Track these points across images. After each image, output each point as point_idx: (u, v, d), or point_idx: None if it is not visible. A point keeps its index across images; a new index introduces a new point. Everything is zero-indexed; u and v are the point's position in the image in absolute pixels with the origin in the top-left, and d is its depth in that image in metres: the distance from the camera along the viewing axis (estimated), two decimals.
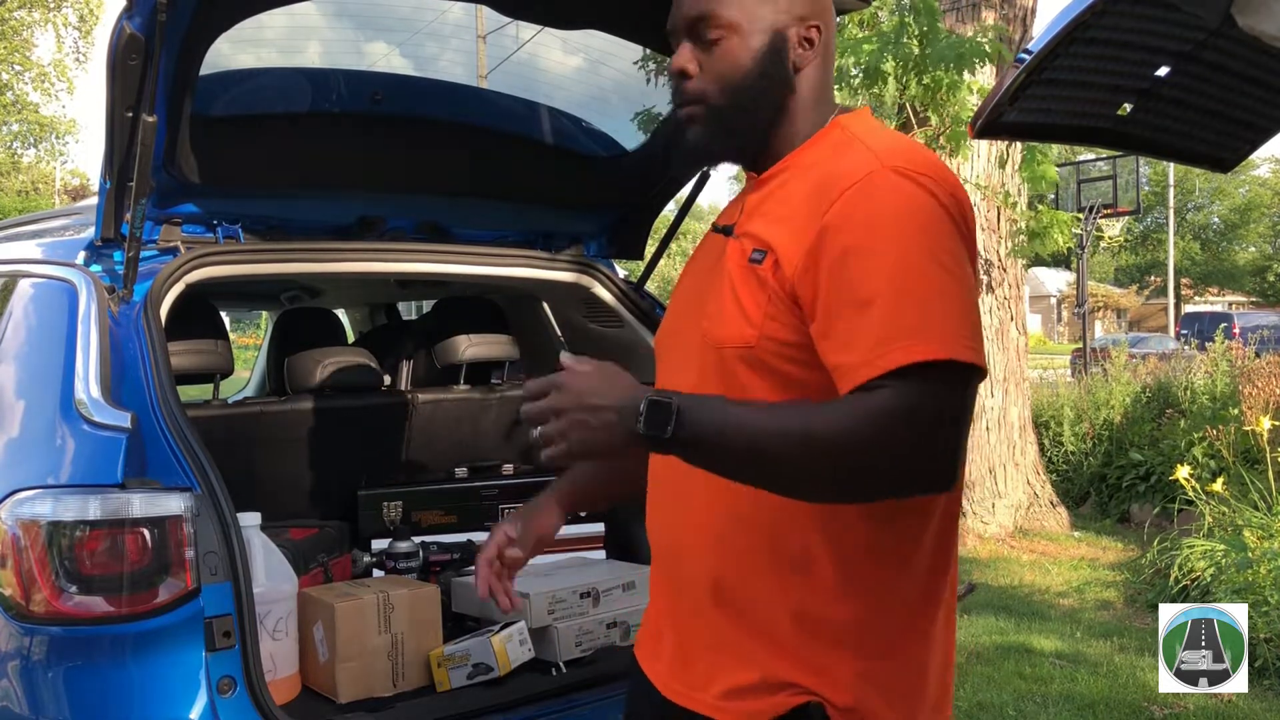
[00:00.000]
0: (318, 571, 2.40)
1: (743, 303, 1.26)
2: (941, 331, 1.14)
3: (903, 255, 1.16)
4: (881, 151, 1.24)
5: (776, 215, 1.28)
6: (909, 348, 1.12)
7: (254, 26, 2.04)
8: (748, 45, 1.31)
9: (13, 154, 33.70)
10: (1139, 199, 18.29)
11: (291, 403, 2.77)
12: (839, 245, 1.18)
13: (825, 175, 1.25)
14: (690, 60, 1.33)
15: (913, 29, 5.64)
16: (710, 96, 1.32)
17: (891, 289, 1.15)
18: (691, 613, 1.33)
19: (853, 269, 1.17)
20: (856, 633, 1.25)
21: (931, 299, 1.15)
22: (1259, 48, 1.59)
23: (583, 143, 2.64)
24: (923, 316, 1.14)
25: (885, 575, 1.26)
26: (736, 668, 1.27)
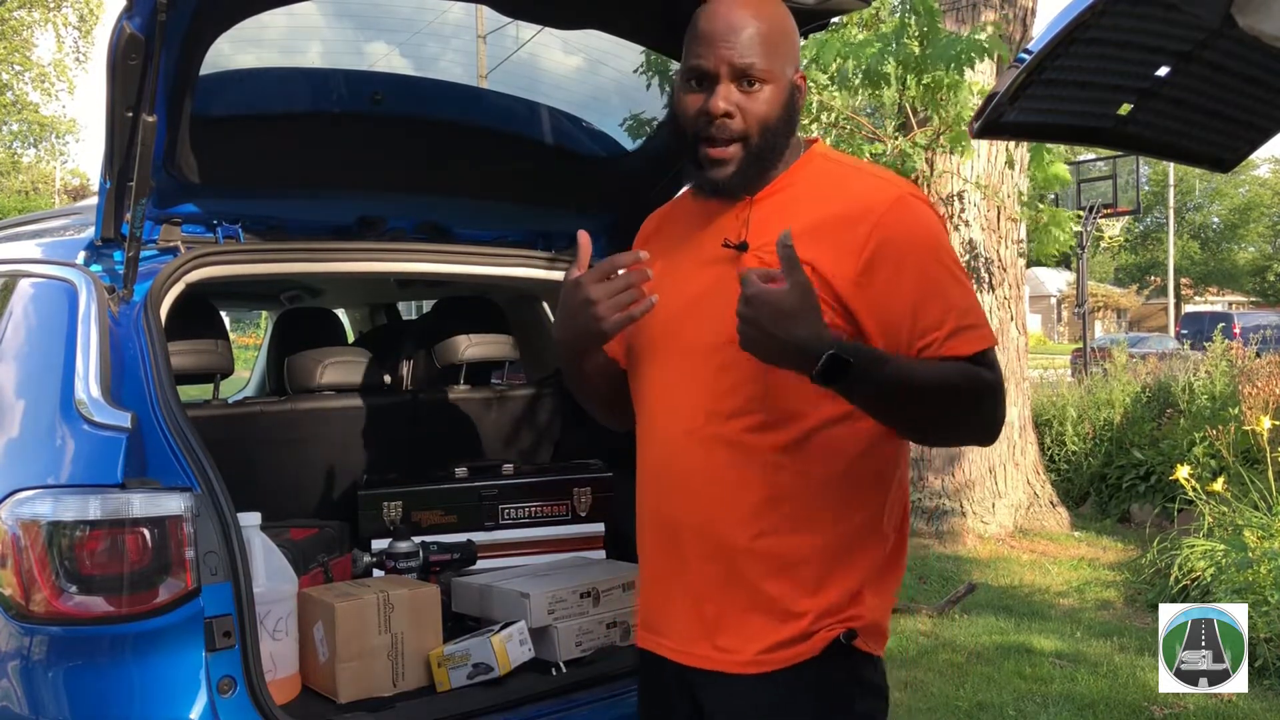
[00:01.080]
0: (318, 571, 2.40)
1: None
2: (985, 323, 1.51)
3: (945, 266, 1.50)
4: (887, 179, 1.56)
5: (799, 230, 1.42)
6: (982, 336, 1.48)
7: (254, 26, 2.04)
8: (779, 93, 1.52)
9: (13, 154, 33.72)
10: (1139, 199, 18.31)
11: (291, 403, 2.77)
12: (893, 262, 1.46)
13: (846, 198, 1.51)
14: (731, 103, 1.49)
15: (912, 29, 5.64)
16: (751, 137, 1.50)
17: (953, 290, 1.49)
18: (723, 583, 1.50)
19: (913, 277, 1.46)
20: (878, 567, 1.53)
21: (973, 299, 1.53)
22: (1259, 48, 1.59)
23: (583, 143, 2.64)
24: (977, 313, 1.50)
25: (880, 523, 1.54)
26: (776, 626, 1.48)
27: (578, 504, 2.80)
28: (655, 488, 1.59)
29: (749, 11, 1.51)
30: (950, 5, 7.08)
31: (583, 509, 2.81)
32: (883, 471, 1.54)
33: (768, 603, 1.49)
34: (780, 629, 1.48)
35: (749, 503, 1.49)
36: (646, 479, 1.61)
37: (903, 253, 1.46)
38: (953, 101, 5.80)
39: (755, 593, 1.49)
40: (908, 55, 5.62)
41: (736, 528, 1.49)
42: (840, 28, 5.88)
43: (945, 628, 4.98)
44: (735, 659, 1.50)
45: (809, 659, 1.48)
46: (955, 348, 1.45)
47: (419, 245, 2.54)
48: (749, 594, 1.50)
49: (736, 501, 1.49)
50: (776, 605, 1.49)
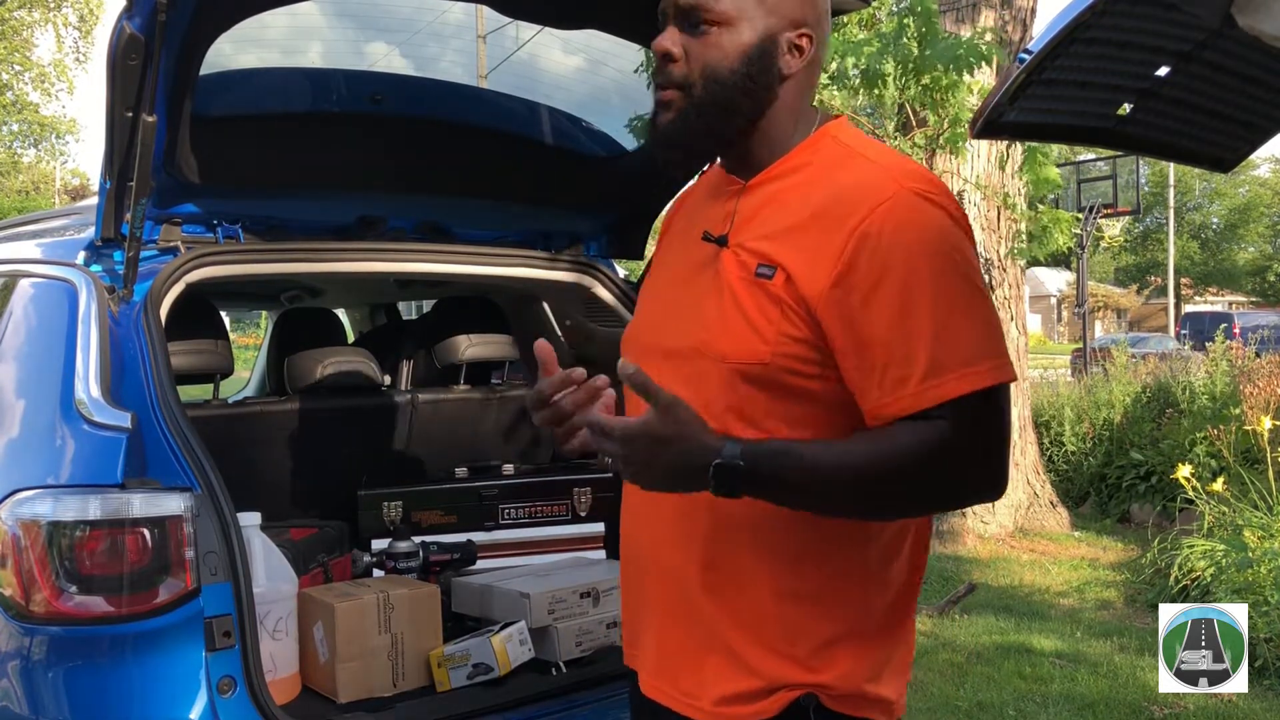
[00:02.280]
0: (318, 571, 2.40)
1: (751, 318, 1.25)
2: (988, 357, 1.19)
3: (942, 283, 1.19)
4: (894, 170, 1.25)
5: (779, 228, 1.27)
6: (963, 377, 1.17)
7: (254, 26, 2.03)
8: (737, 41, 1.28)
9: (13, 154, 33.71)
10: (1139, 199, 18.31)
11: (291, 403, 2.77)
12: (874, 272, 1.19)
13: (836, 191, 1.24)
14: (676, 44, 1.30)
15: (911, 30, 5.64)
16: (694, 85, 1.29)
17: (937, 318, 1.18)
18: (679, 619, 1.33)
19: (893, 297, 1.19)
20: (848, 623, 1.28)
21: (974, 325, 1.20)
22: (1259, 48, 1.59)
23: (583, 143, 2.64)
24: (971, 344, 1.19)
25: (874, 566, 1.30)
26: (733, 674, 1.28)
27: (578, 504, 2.80)
28: (625, 508, 1.43)
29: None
30: (950, 5, 7.09)
31: (583, 509, 2.81)
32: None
33: (723, 648, 1.29)
34: (737, 679, 1.28)
35: (701, 532, 1.29)
36: (622, 496, 1.45)
37: (887, 262, 1.19)
38: (950, 102, 5.80)
39: (710, 635, 1.30)
40: (906, 55, 5.62)
41: (688, 560, 1.31)
42: (841, 27, 5.87)
43: (945, 628, 4.98)
44: (695, 705, 1.31)
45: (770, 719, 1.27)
46: (933, 393, 1.17)
47: (419, 245, 2.55)
48: (704, 635, 1.30)
49: (689, 530, 1.30)
50: (732, 652, 1.28)
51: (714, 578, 1.29)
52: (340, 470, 2.80)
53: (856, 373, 1.22)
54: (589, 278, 2.79)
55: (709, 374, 1.27)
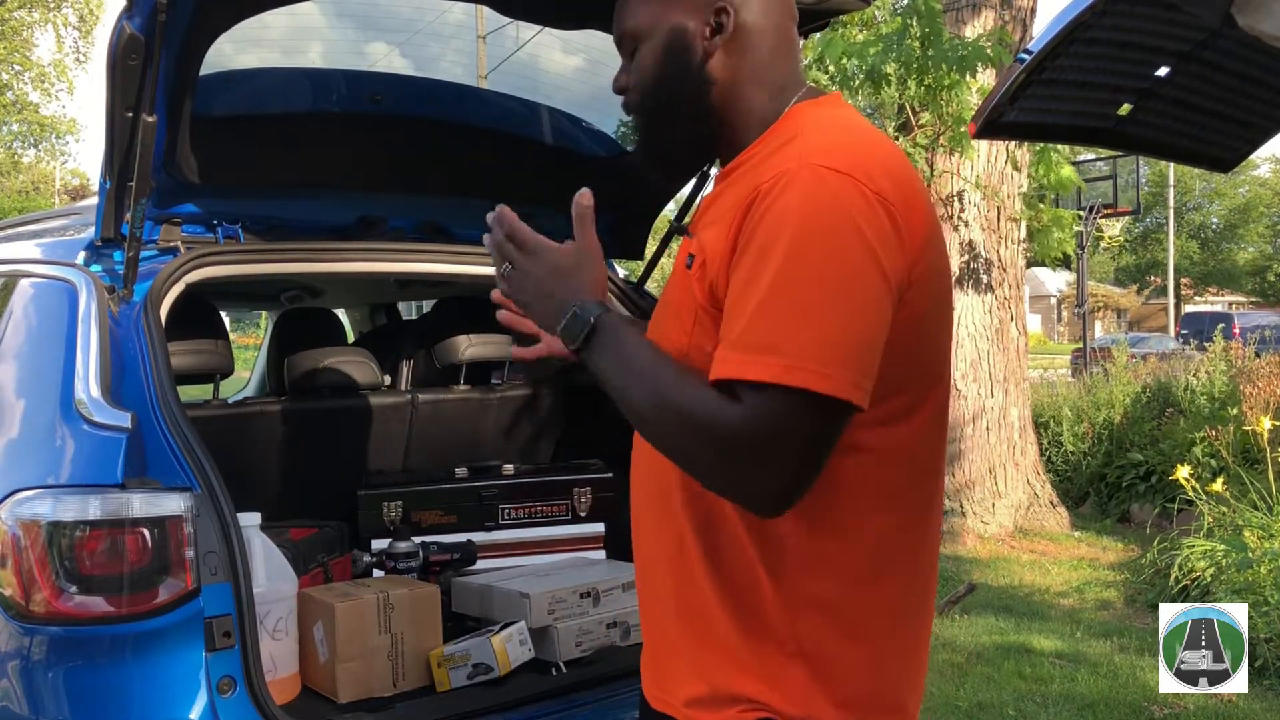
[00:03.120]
0: (318, 571, 2.40)
1: (677, 309, 1.25)
2: (796, 355, 1.07)
3: (795, 264, 1.09)
4: (809, 149, 1.17)
5: (713, 216, 1.25)
6: (756, 364, 1.08)
7: (254, 26, 2.04)
8: (652, 49, 1.31)
9: (13, 154, 33.71)
10: (1139, 199, 18.30)
11: (291, 403, 2.77)
12: (742, 245, 1.15)
13: (764, 170, 1.19)
14: (623, 75, 1.37)
15: (914, 30, 5.64)
16: (635, 106, 1.35)
17: (764, 297, 1.09)
18: (658, 621, 1.34)
19: (743, 269, 1.13)
20: (810, 647, 1.20)
21: (801, 316, 1.08)
22: (1259, 48, 1.59)
23: (583, 143, 2.64)
24: (783, 333, 1.08)
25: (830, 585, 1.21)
26: (692, 678, 1.26)
27: (578, 504, 2.80)
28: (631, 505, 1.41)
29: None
30: (950, 5, 7.09)
31: (583, 509, 2.81)
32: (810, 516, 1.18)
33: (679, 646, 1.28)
34: (691, 682, 1.26)
35: (673, 535, 1.27)
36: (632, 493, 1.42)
37: (754, 237, 1.13)
38: (951, 101, 5.81)
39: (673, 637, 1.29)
40: (909, 56, 5.63)
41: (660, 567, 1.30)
42: (842, 26, 5.88)
43: (945, 628, 4.98)
44: (669, 703, 1.29)
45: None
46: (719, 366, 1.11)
47: (419, 245, 2.54)
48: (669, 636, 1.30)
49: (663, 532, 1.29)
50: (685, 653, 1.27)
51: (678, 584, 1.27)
52: (340, 470, 2.80)
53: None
54: None
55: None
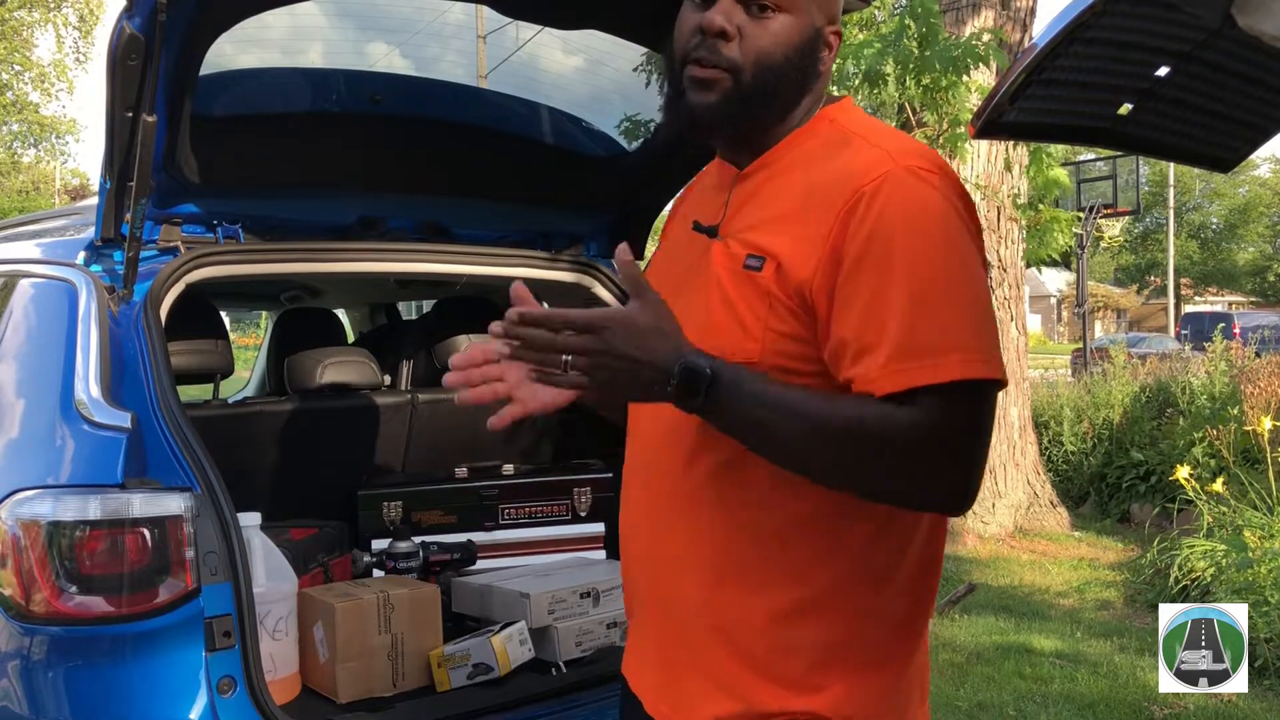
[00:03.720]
0: (318, 571, 2.40)
1: (740, 313, 1.20)
2: (960, 349, 1.11)
3: (925, 267, 1.13)
4: (892, 150, 1.19)
5: (770, 216, 1.22)
6: (934, 367, 1.10)
7: (254, 26, 2.03)
8: (794, 30, 1.24)
9: (13, 154, 33.71)
10: (1139, 199, 18.31)
11: (291, 403, 2.77)
12: (857, 248, 1.14)
13: (830, 174, 1.20)
14: (732, 22, 1.22)
15: (912, 30, 5.64)
16: (744, 70, 1.23)
17: (913, 302, 1.11)
18: (677, 634, 1.28)
19: (871, 274, 1.13)
20: (846, 649, 1.22)
21: (951, 312, 1.13)
22: (1259, 48, 1.59)
23: (583, 143, 2.64)
24: (950, 333, 1.12)
25: (875, 590, 1.23)
26: (722, 696, 1.23)
27: (578, 504, 2.80)
28: (627, 516, 1.38)
29: None
30: (950, 5, 7.09)
31: (583, 509, 2.81)
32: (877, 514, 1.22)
33: (715, 669, 1.24)
34: (719, 701, 1.23)
35: (701, 547, 1.24)
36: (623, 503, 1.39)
37: (871, 238, 1.13)
38: (949, 102, 5.81)
39: (700, 654, 1.25)
40: (907, 56, 5.63)
41: (687, 576, 1.26)
42: (842, 26, 5.88)
43: (945, 628, 4.98)
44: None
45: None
46: (887, 381, 1.11)
47: (419, 245, 2.54)
48: (695, 654, 1.26)
49: (689, 544, 1.25)
50: (715, 671, 1.24)
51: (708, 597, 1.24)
52: (340, 470, 2.80)
53: (834, 356, 1.16)
54: (589, 278, 2.79)
55: None
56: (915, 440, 1.10)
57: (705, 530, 1.25)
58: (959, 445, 1.13)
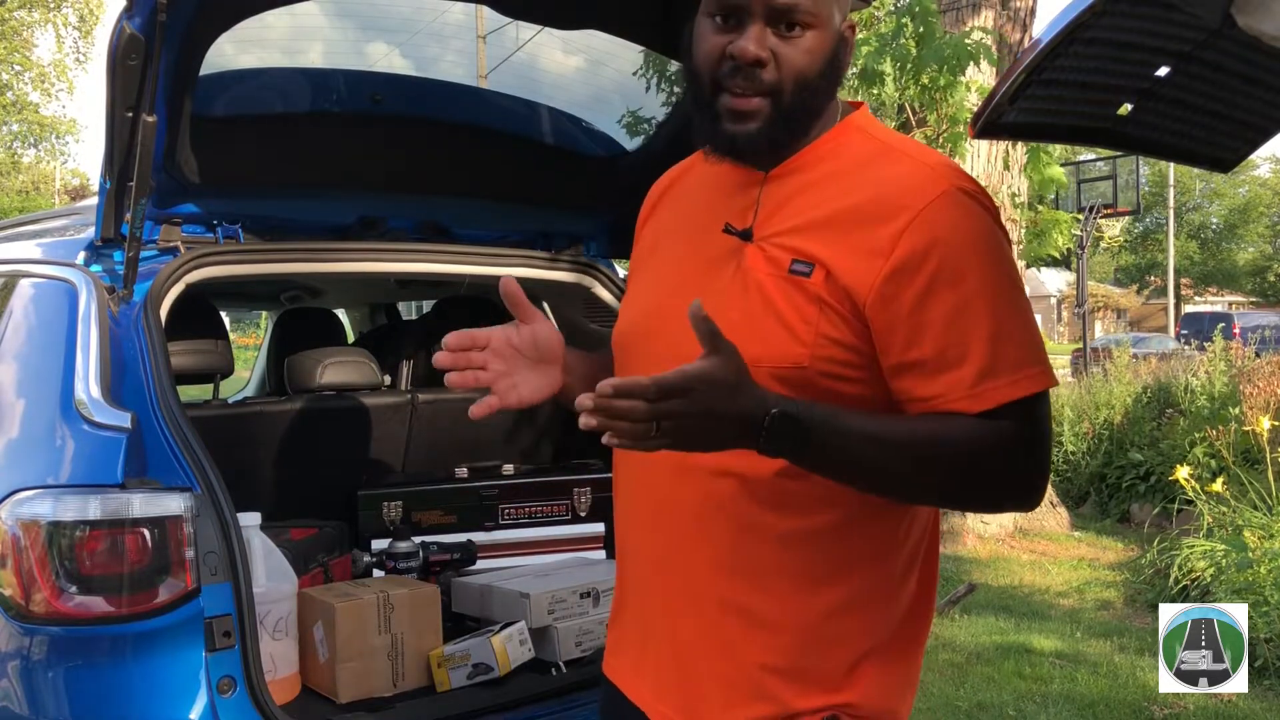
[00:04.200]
0: (318, 571, 2.40)
1: (786, 319, 1.19)
2: (1037, 362, 1.19)
3: (993, 286, 1.18)
4: (938, 167, 1.23)
5: (812, 221, 1.22)
6: (1015, 382, 1.17)
7: (255, 26, 2.04)
8: (824, 43, 1.23)
9: (13, 154, 33.71)
10: (1139, 199, 18.30)
11: (291, 403, 2.77)
12: (929, 271, 1.16)
13: (879, 185, 1.21)
14: (765, 47, 1.20)
15: (909, 29, 5.64)
16: (784, 92, 1.21)
17: (992, 320, 1.17)
18: (697, 637, 1.27)
19: (949, 296, 1.16)
20: (870, 643, 1.25)
21: (1024, 328, 1.20)
22: (1259, 48, 1.59)
23: (583, 143, 2.64)
24: (1021, 348, 1.18)
25: (893, 584, 1.27)
26: (752, 699, 1.23)
27: (578, 504, 2.80)
28: (629, 515, 1.37)
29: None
30: (950, 4, 7.09)
31: (583, 509, 2.81)
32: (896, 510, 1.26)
33: (740, 671, 1.24)
34: (749, 706, 1.23)
35: (720, 546, 1.24)
36: (620, 502, 1.39)
37: (942, 261, 1.16)
38: (947, 101, 5.81)
39: (727, 656, 1.25)
40: (904, 55, 5.63)
41: (708, 575, 1.25)
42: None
43: (945, 628, 4.98)
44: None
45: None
46: (989, 395, 1.16)
47: (419, 245, 2.54)
48: (720, 656, 1.25)
49: (707, 544, 1.24)
50: (749, 676, 1.23)
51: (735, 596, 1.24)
52: (340, 470, 2.80)
53: (905, 374, 1.18)
54: (589, 278, 2.79)
55: None
56: (1009, 452, 1.18)
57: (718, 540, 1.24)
58: (1038, 449, 1.21)
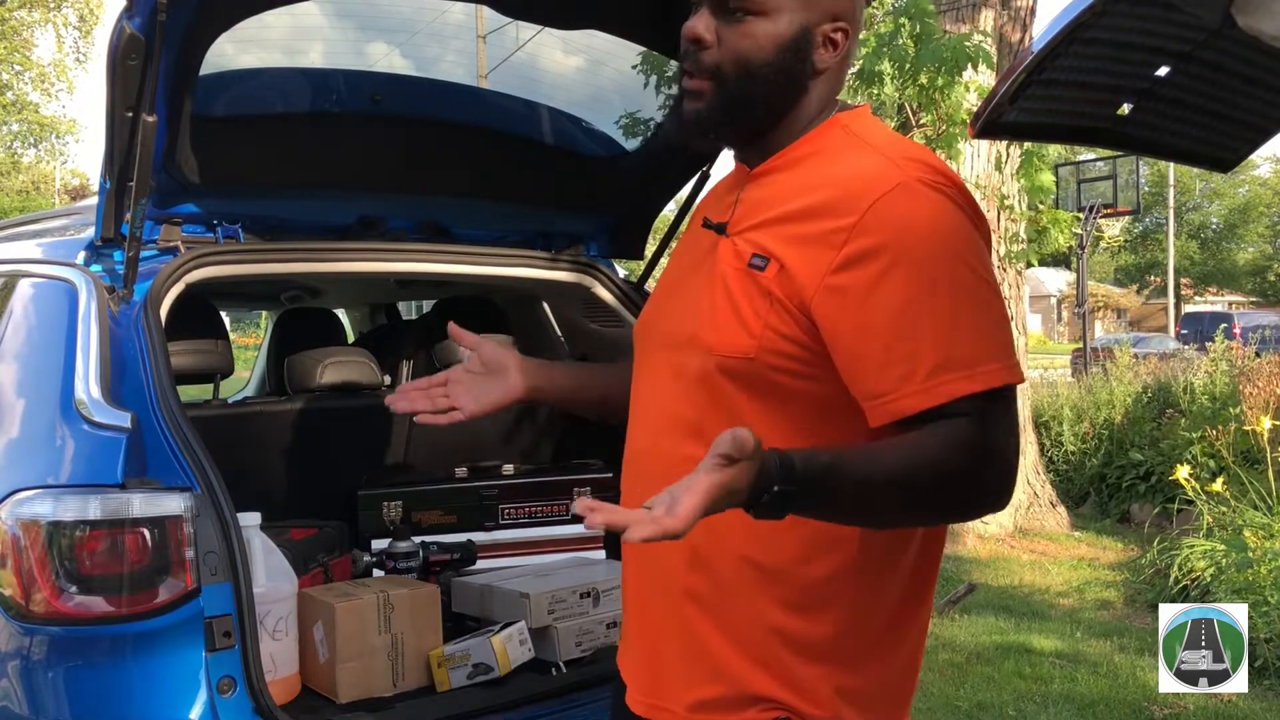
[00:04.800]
0: (318, 571, 2.40)
1: (740, 310, 1.21)
2: (999, 357, 1.15)
3: (949, 278, 1.15)
4: (898, 159, 1.20)
5: (775, 217, 1.23)
6: (970, 377, 1.13)
7: (255, 26, 2.04)
8: (773, 31, 1.24)
9: (13, 154, 33.72)
10: (1139, 199, 18.31)
11: (291, 403, 2.77)
12: (878, 264, 1.14)
13: (837, 180, 1.20)
14: (709, 29, 1.25)
15: (907, 29, 5.64)
16: (726, 75, 1.25)
17: (943, 314, 1.14)
18: (663, 621, 1.29)
19: (896, 293, 1.14)
20: (836, 646, 1.23)
21: (981, 322, 1.16)
22: (1259, 48, 1.59)
23: (583, 143, 2.64)
24: (983, 342, 1.15)
25: (867, 588, 1.24)
26: (708, 679, 1.25)
27: None
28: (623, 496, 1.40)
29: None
30: (950, 5, 7.09)
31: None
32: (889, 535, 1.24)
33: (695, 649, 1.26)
34: (710, 684, 1.25)
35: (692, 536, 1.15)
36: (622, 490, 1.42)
37: (891, 254, 1.14)
38: (946, 102, 5.81)
39: (684, 633, 1.27)
40: (903, 55, 5.63)
41: (673, 559, 1.25)
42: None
43: (945, 628, 4.98)
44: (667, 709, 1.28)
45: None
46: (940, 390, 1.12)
47: (419, 245, 2.54)
48: (677, 632, 1.27)
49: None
50: (705, 655, 1.25)
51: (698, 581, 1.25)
52: (340, 470, 2.80)
53: (856, 368, 1.16)
54: (589, 278, 2.79)
55: (694, 366, 1.24)
56: (969, 452, 1.12)
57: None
58: (1004, 447, 1.15)
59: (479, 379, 1.61)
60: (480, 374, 1.61)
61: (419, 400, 1.59)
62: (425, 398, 1.59)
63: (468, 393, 1.59)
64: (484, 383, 1.60)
